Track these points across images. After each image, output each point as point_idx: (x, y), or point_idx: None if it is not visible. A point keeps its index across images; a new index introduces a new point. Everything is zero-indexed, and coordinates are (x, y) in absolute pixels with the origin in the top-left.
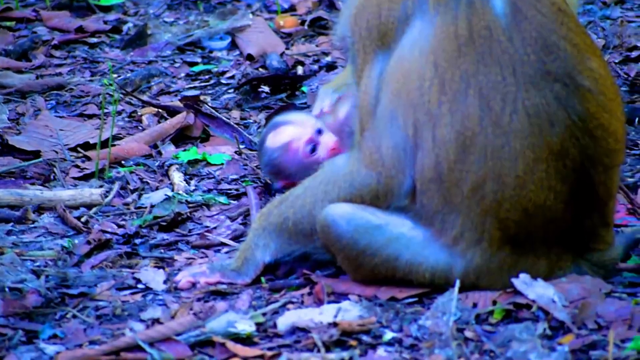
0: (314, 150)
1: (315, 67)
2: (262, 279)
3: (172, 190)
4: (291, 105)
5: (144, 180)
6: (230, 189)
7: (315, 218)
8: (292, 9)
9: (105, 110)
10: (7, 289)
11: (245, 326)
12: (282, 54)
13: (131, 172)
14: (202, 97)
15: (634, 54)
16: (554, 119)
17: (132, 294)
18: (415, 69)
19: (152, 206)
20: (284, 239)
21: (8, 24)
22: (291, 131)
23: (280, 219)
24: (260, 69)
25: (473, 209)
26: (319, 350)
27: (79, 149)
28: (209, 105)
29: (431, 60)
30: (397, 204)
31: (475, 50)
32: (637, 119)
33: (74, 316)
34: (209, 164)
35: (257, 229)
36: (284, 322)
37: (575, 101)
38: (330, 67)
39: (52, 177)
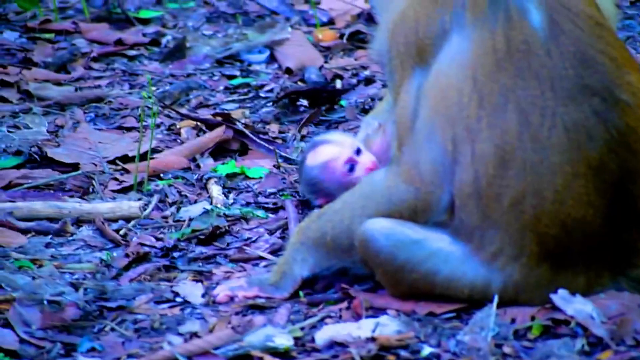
0: (352, 169)
1: (354, 80)
2: (300, 293)
3: (211, 204)
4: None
5: (183, 193)
6: (268, 203)
7: (354, 233)
8: (330, 22)
9: (144, 123)
10: (45, 302)
11: (284, 340)
12: (320, 68)
13: (170, 185)
14: (240, 111)
15: None
16: (593, 133)
17: (170, 307)
18: (453, 83)
19: (191, 219)
20: (322, 253)
21: (47, 36)
22: (330, 150)
23: (318, 233)
24: (298, 83)
25: (512, 225)
26: None
27: (117, 161)
28: (241, 123)
29: (470, 75)
30: (435, 219)
31: (513, 64)
32: None
33: (112, 329)
34: (247, 177)
35: (295, 243)
36: (322, 336)
37: (614, 115)
38: (369, 80)
39: (90, 189)
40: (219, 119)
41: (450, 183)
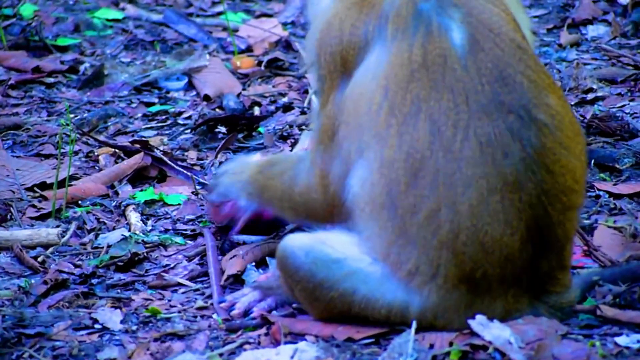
0: None
1: (272, 107)
2: (219, 319)
3: (129, 231)
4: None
5: (101, 220)
6: (186, 229)
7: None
8: (248, 49)
9: (62, 150)
10: None
11: None
12: (239, 95)
13: (88, 212)
14: (158, 138)
15: (590, 96)
16: (508, 149)
17: (89, 334)
18: (365, 93)
19: (109, 246)
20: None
21: None
22: None
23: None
24: (217, 110)
25: (428, 241)
26: None
27: (35, 188)
28: (159, 149)
29: (382, 85)
30: (340, 224)
31: (428, 76)
32: (592, 161)
33: (31, 356)
34: (165, 204)
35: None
36: None
37: (530, 134)
38: (287, 107)
39: (8, 216)
40: (137, 146)
41: (356, 186)
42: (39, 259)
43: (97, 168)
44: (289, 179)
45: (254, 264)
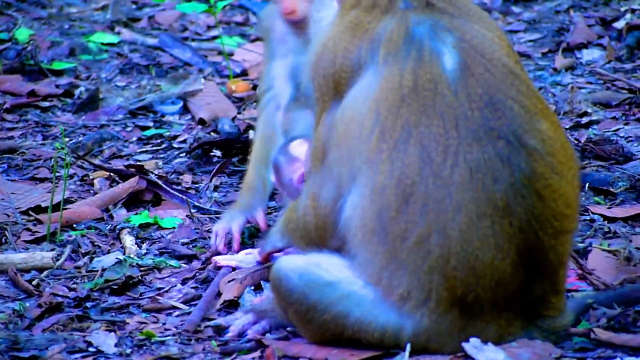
0: None
1: None
2: (213, 342)
3: (124, 254)
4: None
5: (96, 243)
6: (181, 252)
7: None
8: (244, 73)
9: (57, 174)
10: None
11: None
12: (234, 119)
13: (83, 236)
14: (153, 162)
15: (584, 119)
16: (497, 175)
17: (83, 357)
18: (356, 117)
19: (104, 269)
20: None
21: None
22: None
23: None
24: (212, 133)
25: (419, 265)
26: None
27: (30, 212)
28: (155, 173)
29: (373, 109)
30: (332, 247)
31: (418, 101)
32: (587, 185)
33: None
34: (160, 227)
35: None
36: None
37: (519, 159)
38: None
39: (3, 240)
40: (132, 170)
41: (348, 211)
42: (34, 282)
43: (92, 192)
44: (297, 205)
45: (252, 288)
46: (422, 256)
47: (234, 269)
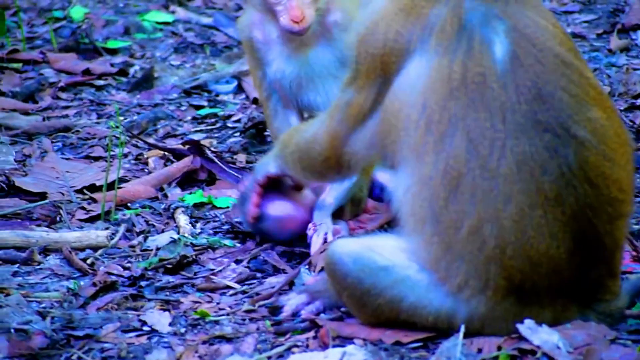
0: None
1: None
2: (267, 322)
3: (178, 233)
4: None
5: (150, 222)
6: (235, 232)
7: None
8: None
9: (112, 153)
10: (12, 330)
11: None
12: None
13: (137, 215)
14: (207, 141)
15: (639, 101)
16: (546, 166)
17: (138, 336)
18: (403, 109)
19: (158, 249)
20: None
21: (15, 65)
22: None
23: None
24: (263, 114)
25: (476, 256)
26: None
27: (85, 191)
28: (211, 150)
29: (420, 102)
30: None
31: (466, 95)
32: None
33: (79, 358)
34: (214, 207)
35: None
36: None
37: (568, 151)
38: None
39: (58, 218)
40: (187, 147)
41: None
42: (88, 261)
43: (146, 171)
44: (304, 131)
45: (307, 266)
46: (478, 247)
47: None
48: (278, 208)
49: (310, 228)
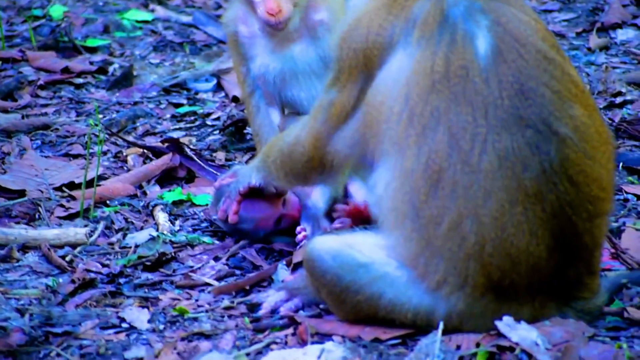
0: None
1: None
2: (246, 319)
3: (157, 230)
4: None
5: (129, 220)
6: (214, 230)
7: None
8: None
9: (91, 151)
10: None
11: None
12: None
13: (116, 212)
14: (187, 139)
15: (618, 99)
16: (527, 163)
17: (116, 333)
18: (386, 101)
19: (137, 246)
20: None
21: None
22: None
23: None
24: (245, 111)
25: (455, 253)
26: None
27: (64, 188)
28: (190, 148)
29: (403, 93)
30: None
31: (449, 88)
32: (620, 164)
33: (58, 355)
34: (193, 204)
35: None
36: None
37: (550, 147)
38: None
39: (37, 216)
40: (166, 146)
41: (380, 188)
42: (67, 258)
43: (125, 168)
44: (286, 136)
45: (284, 262)
46: (458, 243)
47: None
48: (253, 208)
49: (301, 232)
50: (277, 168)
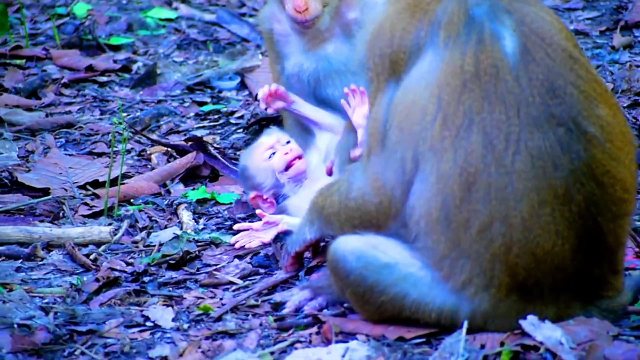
0: (271, 156)
1: None
2: (271, 318)
3: (181, 229)
4: None
5: (153, 218)
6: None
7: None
8: None
9: (115, 149)
10: (15, 326)
11: None
12: None
13: (140, 211)
14: (210, 137)
15: None
16: (558, 162)
17: (141, 331)
18: (419, 101)
19: (161, 244)
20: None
21: (18, 62)
22: (260, 140)
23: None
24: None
25: (482, 254)
26: None
27: (88, 186)
28: (214, 146)
29: (435, 94)
30: (392, 230)
31: (480, 87)
32: None
33: (82, 353)
34: (217, 203)
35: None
36: None
37: (579, 147)
38: None
39: (61, 214)
40: (190, 144)
41: (412, 199)
42: (91, 257)
43: (149, 167)
44: (345, 189)
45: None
46: (485, 245)
47: None
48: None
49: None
50: (342, 223)
